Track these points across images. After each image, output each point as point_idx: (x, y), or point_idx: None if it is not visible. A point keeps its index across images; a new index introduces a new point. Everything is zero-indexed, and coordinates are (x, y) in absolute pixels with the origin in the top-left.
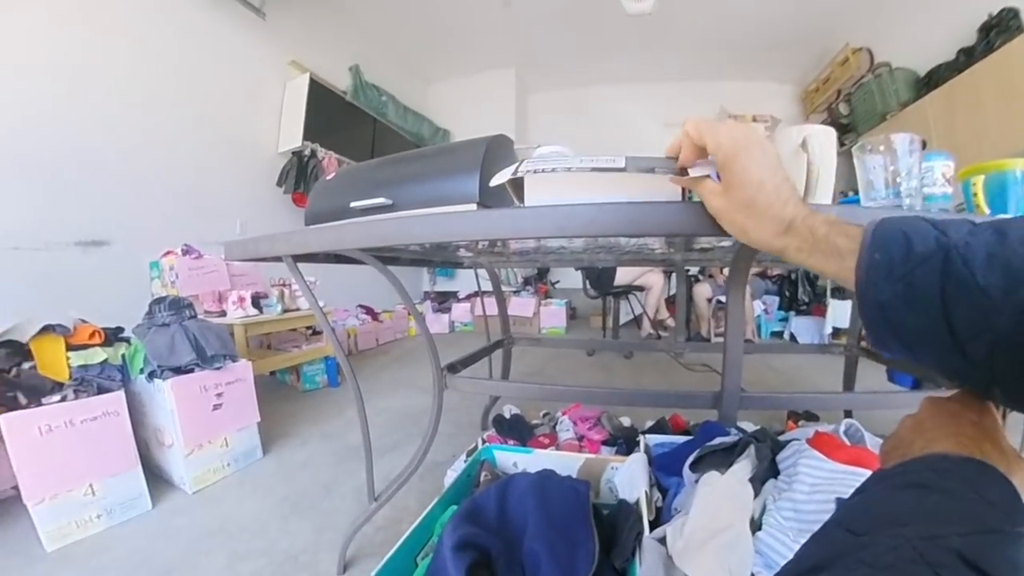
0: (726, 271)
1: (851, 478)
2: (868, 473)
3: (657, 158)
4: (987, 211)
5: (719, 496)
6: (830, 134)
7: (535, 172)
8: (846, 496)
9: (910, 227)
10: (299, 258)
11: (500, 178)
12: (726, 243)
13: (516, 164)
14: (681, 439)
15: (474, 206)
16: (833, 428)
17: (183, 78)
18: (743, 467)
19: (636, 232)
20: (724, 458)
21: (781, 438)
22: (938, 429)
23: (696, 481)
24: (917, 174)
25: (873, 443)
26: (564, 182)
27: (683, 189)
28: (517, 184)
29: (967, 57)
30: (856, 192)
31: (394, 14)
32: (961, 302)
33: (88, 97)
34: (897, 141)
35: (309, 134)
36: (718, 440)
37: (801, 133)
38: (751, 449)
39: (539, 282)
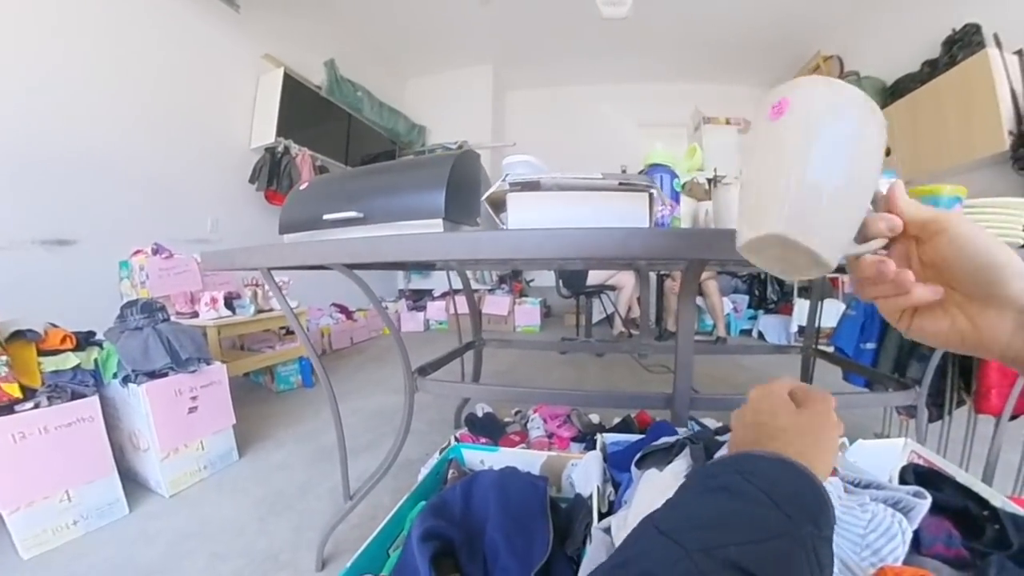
0: None
1: None
2: None
3: None
4: None
5: (656, 490)
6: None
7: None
8: None
9: None
10: (275, 268)
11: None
12: None
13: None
14: (636, 438)
15: (440, 221)
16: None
17: (153, 71)
18: (679, 465)
19: (585, 255)
20: (664, 457)
21: (720, 438)
22: (763, 425)
23: (640, 477)
24: None
25: None
26: (543, 199)
27: (650, 212)
28: (498, 202)
29: (931, 69)
30: None
31: (371, 8)
32: None
33: (51, 90)
34: None
35: (282, 130)
36: (662, 440)
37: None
38: (687, 450)
39: (514, 281)
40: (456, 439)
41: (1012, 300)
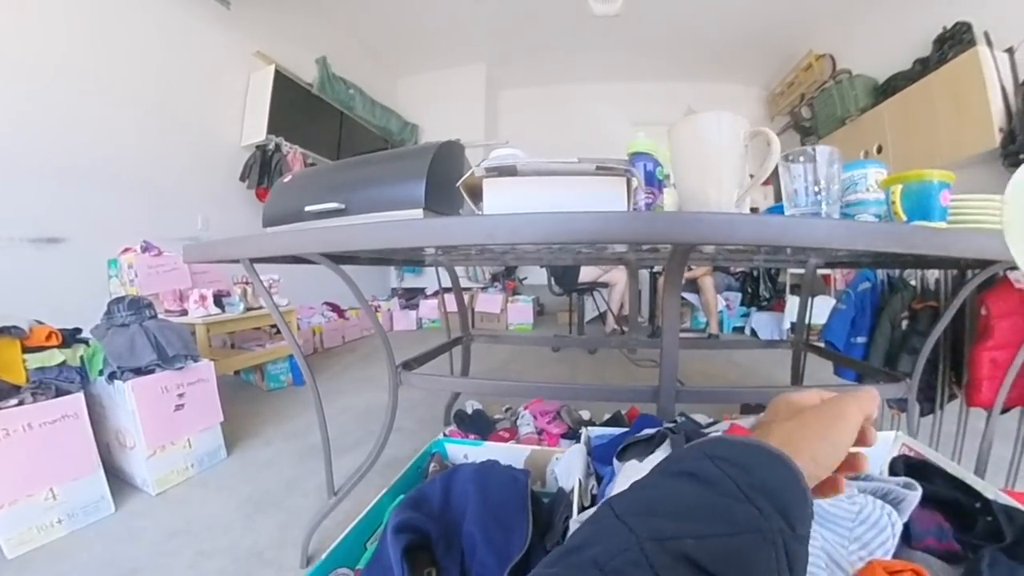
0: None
1: None
2: None
3: None
4: (904, 218)
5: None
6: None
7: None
8: None
9: None
10: (257, 260)
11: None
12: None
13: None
14: (620, 431)
15: (420, 211)
16: (751, 422)
17: (143, 68)
18: (659, 456)
19: (551, 241)
20: (645, 448)
21: (706, 429)
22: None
23: (621, 469)
24: (836, 183)
25: None
26: (520, 185)
27: (628, 197)
28: (474, 189)
29: (922, 67)
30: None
31: (363, 5)
32: None
33: (41, 88)
34: (819, 152)
35: (274, 127)
36: (644, 432)
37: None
38: (668, 440)
39: (507, 279)
40: (446, 436)
41: None
